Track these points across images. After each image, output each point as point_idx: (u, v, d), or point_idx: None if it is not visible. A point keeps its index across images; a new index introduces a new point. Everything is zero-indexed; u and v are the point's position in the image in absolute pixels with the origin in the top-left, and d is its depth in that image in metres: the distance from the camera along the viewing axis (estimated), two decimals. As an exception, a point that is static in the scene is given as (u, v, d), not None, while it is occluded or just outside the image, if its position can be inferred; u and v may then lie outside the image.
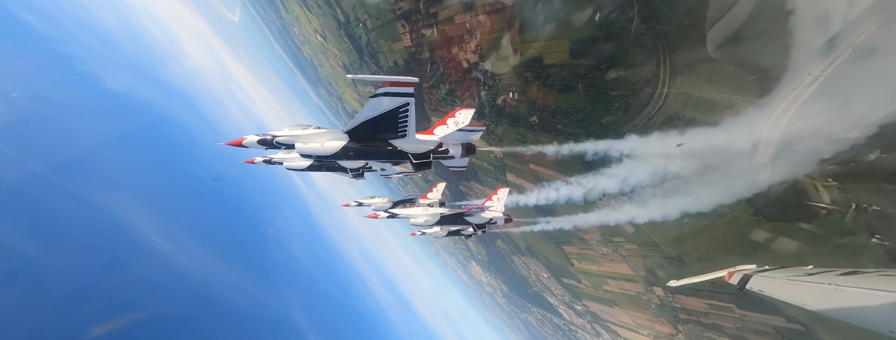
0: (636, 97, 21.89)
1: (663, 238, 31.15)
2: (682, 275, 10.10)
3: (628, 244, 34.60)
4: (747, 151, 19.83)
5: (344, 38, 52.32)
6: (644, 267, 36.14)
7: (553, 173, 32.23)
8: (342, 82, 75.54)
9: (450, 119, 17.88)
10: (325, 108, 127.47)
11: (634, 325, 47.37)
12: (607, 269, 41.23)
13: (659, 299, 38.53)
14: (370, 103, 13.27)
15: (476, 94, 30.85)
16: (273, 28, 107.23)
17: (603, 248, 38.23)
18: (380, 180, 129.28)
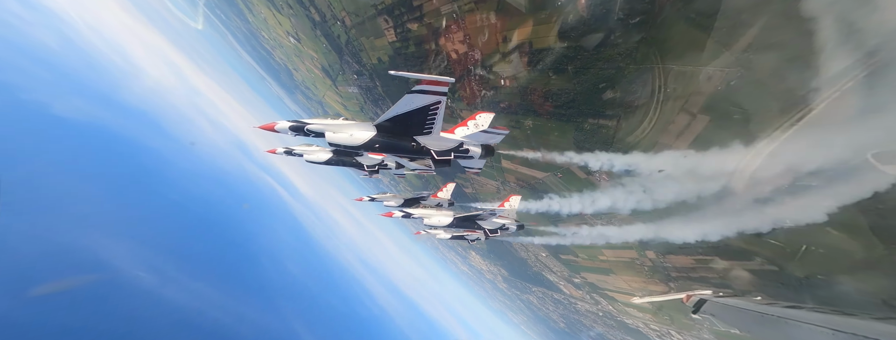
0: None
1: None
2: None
3: (621, 213, 35.90)
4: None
5: (320, 39, 49.82)
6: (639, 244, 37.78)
7: (548, 156, 32.66)
8: (321, 85, 72.46)
9: (470, 121, 18.27)
10: (304, 113, 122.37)
11: (630, 289, 49.87)
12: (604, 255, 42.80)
13: (651, 261, 40.56)
14: (404, 99, 13.41)
15: (467, 84, 30.43)
16: (238, 34, 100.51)
17: (597, 219, 39.53)
18: (367, 179, 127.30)
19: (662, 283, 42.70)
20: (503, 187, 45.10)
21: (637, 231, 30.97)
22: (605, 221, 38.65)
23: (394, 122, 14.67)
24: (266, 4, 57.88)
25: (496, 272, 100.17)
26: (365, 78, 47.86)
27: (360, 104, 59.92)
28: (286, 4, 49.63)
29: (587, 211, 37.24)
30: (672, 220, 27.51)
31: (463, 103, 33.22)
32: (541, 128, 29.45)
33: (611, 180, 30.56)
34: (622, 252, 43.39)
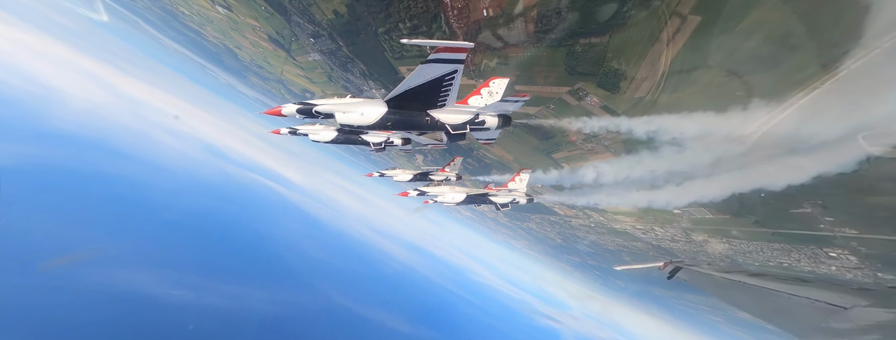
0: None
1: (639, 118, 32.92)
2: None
3: (609, 133, 36.50)
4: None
5: (256, 0, 41.70)
6: (624, 150, 39.11)
7: (539, 90, 31.25)
8: (274, 59, 63.51)
9: (484, 89, 16.66)
10: (265, 97, 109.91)
11: (618, 200, 53.85)
12: (592, 160, 44.25)
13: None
14: (418, 70, 12.17)
15: (444, 23, 26.87)
16: (151, 18, 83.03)
17: (587, 144, 40.27)
18: (356, 152, 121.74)
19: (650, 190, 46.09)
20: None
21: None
22: (594, 143, 39.48)
23: (406, 96, 13.47)
24: (173, -32, 46.58)
25: (496, 210, 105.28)
26: (324, 40, 41.73)
27: (327, 72, 53.73)
28: (201, -37, 39.94)
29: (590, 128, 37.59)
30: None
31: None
32: (529, 59, 27.42)
33: (601, 100, 30.10)
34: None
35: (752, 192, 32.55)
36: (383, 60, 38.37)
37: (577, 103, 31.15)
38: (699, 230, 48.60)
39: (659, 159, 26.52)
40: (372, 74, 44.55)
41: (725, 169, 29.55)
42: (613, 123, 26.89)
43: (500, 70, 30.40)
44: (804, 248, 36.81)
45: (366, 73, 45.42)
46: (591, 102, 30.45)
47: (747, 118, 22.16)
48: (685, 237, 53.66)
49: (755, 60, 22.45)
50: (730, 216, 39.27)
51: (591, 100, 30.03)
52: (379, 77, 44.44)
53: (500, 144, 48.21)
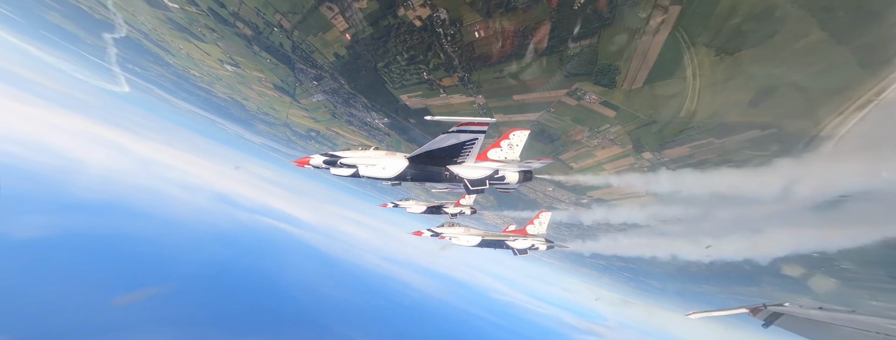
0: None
1: (639, 108, 33.11)
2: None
3: (613, 127, 36.56)
4: None
5: (261, 55, 44.33)
6: (631, 141, 38.97)
7: (538, 96, 31.98)
8: (280, 105, 66.35)
9: (504, 141, 16.69)
10: (272, 141, 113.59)
11: (633, 192, 52.76)
12: (601, 156, 44.03)
13: (649, 160, 42.42)
14: (439, 138, 12.73)
15: (440, 49, 28.22)
16: (165, 83, 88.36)
17: (593, 141, 40.27)
18: (364, 183, 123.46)
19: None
20: (500, 141, 44.47)
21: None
22: (600, 138, 39.43)
23: (427, 155, 14.04)
24: (182, 38, 50.14)
25: (509, 221, 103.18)
26: (327, 80, 43.77)
27: (331, 110, 55.72)
28: (207, 29, 43.05)
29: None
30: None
31: (441, 71, 31.17)
32: (524, 69, 28.31)
33: (600, 97, 30.54)
34: (620, 163, 45.02)
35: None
36: (384, 91, 39.88)
37: (576, 103, 31.64)
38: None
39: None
40: (374, 105, 46.11)
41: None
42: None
43: (497, 84, 31.37)
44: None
45: (368, 105, 47.04)
46: (590, 100, 30.92)
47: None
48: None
49: (741, 36, 22.86)
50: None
51: (590, 98, 30.51)
52: (381, 108, 45.92)
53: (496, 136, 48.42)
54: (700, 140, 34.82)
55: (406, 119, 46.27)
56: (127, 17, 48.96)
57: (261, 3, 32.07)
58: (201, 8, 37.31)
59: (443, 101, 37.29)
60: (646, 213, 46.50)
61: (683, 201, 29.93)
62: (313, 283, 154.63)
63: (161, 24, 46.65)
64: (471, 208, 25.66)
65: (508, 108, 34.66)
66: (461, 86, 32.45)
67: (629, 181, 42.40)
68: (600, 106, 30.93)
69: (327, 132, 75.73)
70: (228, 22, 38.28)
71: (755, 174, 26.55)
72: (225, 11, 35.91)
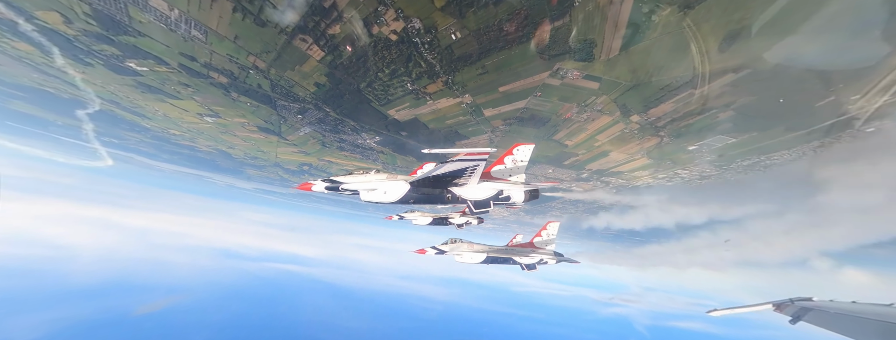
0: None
1: (620, 75, 33.95)
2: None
3: (599, 98, 37.28)
4: None
5: (240, 101, 43.70)
6: (617, 108, 39.78)
7: (522, 84, 32.42)
8: (267, 147, 65.31)
9: (507, 157, 16.18)
10: (265, 184, 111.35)
11: (629, 157, 53.68)
12: (592, 129, 44.78)
13: (638, 124, 43.30)
14: (441, 166, 12.74)
15: (419, 58, 28.39)
16: (144, 149, 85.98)
17: (583, 115, 40.95)
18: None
19: (655, 136, 46.20)
20: (495, 136, 44.87)
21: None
22: (589, 111, 40.09)
23: (428, 178, 13.88)
24: (156, 99, 49.07)
25: (516, 210, 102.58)
26: (311, 112, 43.38)
27: (320, 140, 55.12)
28: (180, 86, 42.25)
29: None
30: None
31: (425, 79, 31.32)
32: (504, 60, 28.71)
33: (581, 72, 31.18)
34: (611, 131, 45.83)
35: (761, 100, 32.74)
36: (371, 110, 39.76)
37: (560, 83, 32.19)
38: (732, 157, 47.75)
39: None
40: (363, 126, 45.88)
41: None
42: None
43: (481, 81, 31.69)
44: (841, 136, 36.67)
45: (357, 127, 46.77)
46: (572, 76, 31.53)
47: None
48: (719, 171, 52.68)
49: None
50: (756, 133, 39.05)
51: (573, 75, 31.12)
52: (371, 127, 45.71)
53: (502, 145, 48.73)
54: (681, 94, 35.78)
55: (397, 133, 46.13)
56: (97, 90, 47.70)
57: (231, 49, 31.72)
58: (171, 66, 36.67)
59: (430, 108, 37.42)
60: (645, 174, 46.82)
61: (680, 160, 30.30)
62: (335, 320, 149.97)
63: (132, 90, 45.59)
64: (478, 218, 24.95)
65: (496, 101, 35.01)
66: (446, 89, 32.65)
67: (623, 147, 43.03)
68: (584, 80, 31.56)
69: (320, 163, 74.73)
70: (202, 74, 37.68)
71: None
72: (196, 64, 35.36)
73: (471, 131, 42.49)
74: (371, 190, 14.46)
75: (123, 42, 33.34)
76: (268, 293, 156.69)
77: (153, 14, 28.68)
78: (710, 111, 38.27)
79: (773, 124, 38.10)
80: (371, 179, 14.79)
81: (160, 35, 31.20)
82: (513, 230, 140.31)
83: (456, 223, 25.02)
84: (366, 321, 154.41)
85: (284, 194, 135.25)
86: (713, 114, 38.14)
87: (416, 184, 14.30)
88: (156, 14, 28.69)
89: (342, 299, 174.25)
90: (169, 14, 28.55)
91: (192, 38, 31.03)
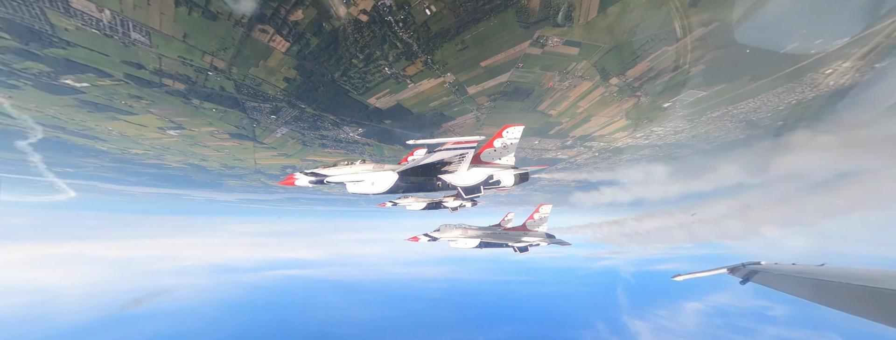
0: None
1: (598, 38, 33.57)
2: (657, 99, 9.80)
3: (579, 63, 36.98)
4: None
5: (204, 107, 40.02)
6: (597, 72, 39.76)
7: (504, 56, 31.32)
8: (243, 154, 61.44)
9: (497, 140, 15.87)
10: (248, 193, 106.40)
11: (609, 120, 54.77)
12: (575, 96, 44.85)
13: (617, 86, 43.72)
14: (430, 155, 12.44)
15: (395, 39, 26.48)
16: (106, 174, 78.76)
17: (564, 83, 40.74)
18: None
19: (633, 97, 47.05)
20: (480, 114, 44.07)
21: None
22: (570, 78, 39.87)
23: (417, 168, 13.62)
24: (107, 118, 44.12)
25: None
26: (285, 110, 40.54)
27: (299, 140, 52.28)
28: (132, 99, 37.92)
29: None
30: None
31: (403, 61, 29.52)
32: (483, 33, 27.38)
33: (562, 38, 30.44)
34: (592, 95, 46.15)
35: (728, 52, 33.59)
36: (350, 101, 37.61)
37: (541, 51, 31.41)
38: (702, 110, 49.81)
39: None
40: (344, 119, 43.65)
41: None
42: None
43: (462, 56, 30.30)
44: (802, 79, 38.52)
45: (337, 121, 44.47)
46: (553, 44, 30.77)
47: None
48: (690, 125, 54.93)
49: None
50: (724, 84, 40.47)
51: (553, 42, 30.35)
52: (352, 119, 43.57)
53: (489, 122, 48.16)
54: (655, 52, 36.09)
55: (381, 122, 44.34)
56: (35, 116, 42.08)
57: (182, 49, 28.33)
58: (116, 78, 32.56)
59: (413, 91, 35.80)
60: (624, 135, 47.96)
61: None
62: (347, 314, 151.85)
63: (76, 110, 40.56)
64: (472, 201, 25.00)
65: (479, 77, 33.88)
66: (426, 70, 31.09)
67: (604, 111, 43.52)
68: (564, 46, 30.90)
69: (303, 164, 71.64)
70: (154, 83, 33.82)
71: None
72: (145, 72, 31.58)
73: (456, 111, 41.40)
74: (358, 182, 14.03)
75: (51, 56, 28.96)
76: (275, 300, 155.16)
77: (79, 19, 24.76)
78: (683, 67, 39.18)
79: (741, 75, 39.67)
80: (357, 169, 14.24)
81: (94, 43, 27.24)
82: (505, 208, 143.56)
83: (450, 207, 24.79)
84: (377, 309, 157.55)
85: (271, 200, 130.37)
86: (685, 69, 39.09)
87: (404, 173, 13.99)
88: (83, 18, 24.79)
89: (350, 293, 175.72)
90: (99, 17, 24.75)
91: (134, 43, 27.34)
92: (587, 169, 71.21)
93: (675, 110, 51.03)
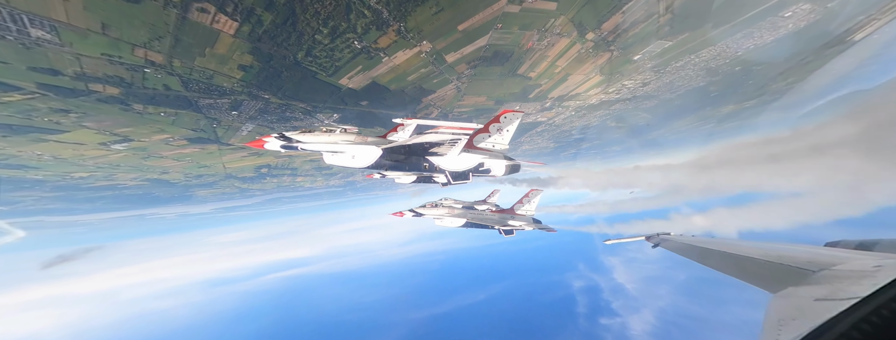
0: None
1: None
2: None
3: (557, 19, 35.42)
4: None
5: (148, 111, 34.73)
6: (574, 28, 38.52)
7: (481, 17, 28.99)
8: (209, 159, 55.85)
9: (493, 125, 14.78)
10: (223, 201, 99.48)
11: (585, 77, 54.77)
12: (553, 55, 43.73)
13: (592, 42, 42.98)
14: (419, 136, 11.74)
15: (362, 6, 23.28)
16: (52, 205, 69.32)
17: (543, 42, 39.31)
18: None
19: (607, 52, 46.74)
20: (461, 83, 42.07)
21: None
22: (549, 37, 38.50)
23: (405, 147, 12.72)
24: (32, 140, 37.32)
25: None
26: (247, 103, 36.24)
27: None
28: (56, 113, 31.90)
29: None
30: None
31: (373, 32, 26.42)
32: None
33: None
34: (569, 53, 45.30)
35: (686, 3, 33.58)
36: (319, 84, 34.11)
37: (519, 9, 29.47)
38: (668, 61, 51.00)
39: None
40: (316, 106, 40.03)
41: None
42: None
43: (437, 21, 27.68)
44: (761, 22, 39.58)
45: (308, 110, 40.74)
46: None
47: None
48: (656, 76, 56.32)
49: None
50: (688, 33, 40.98)
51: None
52: (325, 105, 40.07)
53: (470, 91, 46.37)
54: (628, 2, 35.35)
55: (357, 104, 41.22)
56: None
57: (104, 44, 23.43)
58: (27, 90, 26.86)
59: (387, 66, 32.92)
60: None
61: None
62: (354, 300, 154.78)
63: (-13, 134, 33.80)
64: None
65: (457, 42, 31.55)
66: (401, 40, 28.30)
67: (580, 69, 43.08)
68: (542, 1, 29.04)
69: (279, 160, 67.05)
70: (78, 90, 28.38)
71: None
72: (64, 78, 26.22)
73: (436, 83, 39.16)
74: (337, 153, 13.04)
75: (-72, 69, 22.97)
76: (280, 303, 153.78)
77: (-50, 14, 19.28)
78: (652, 17, 39.35)
79: (703, 23, 40.48)
80: (336, 139, 13.28)
81: (-18, 46, 21.71)
82: (494, 185, 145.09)
83: (441, 182, 24.14)
84: (382, 289, 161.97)
85: (250, 205, 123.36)
86: (654, 19, 39.32)
87: (390, 150, 13.09)
88: (-45, 13, 19.32)
89: (354, 281, 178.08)
90: (-23, 9, 19.39)
91: (38, 43, 22.11)
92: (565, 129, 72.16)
93: (644, 62, 52.22)
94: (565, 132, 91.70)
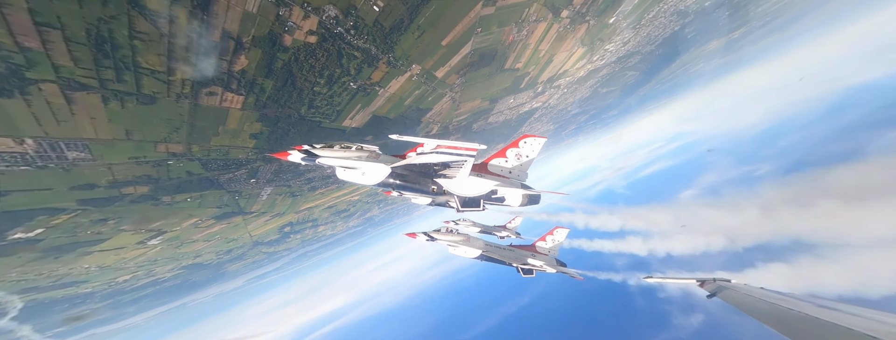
0: None
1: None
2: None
3: (531, 7, 36.72)
4: None
5: (177, 200, 36.87)
6: (549, 10, 40.00)
7: (461, 28, 30.61)
8: (235, 232, 57.89)
9: (511, 150, 13.83)
10: (253, 270, 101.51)
11: (569, 53, 55.92)
12: (534, 41, 45.16)
13: (568, 18, 44.40)
14: (425, 156, 11.38)
15: (351, 49, 25.10)
16: (101, 315, 71.97)
17: (522, 32, 40.81)
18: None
19: (584, 23, 48.05)
20: (454, 94, 43.54)
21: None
22: (527, 26, 39.95)
23: (412, 166, 12.49)
24: (78, 255, 39.73)
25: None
26: (263, 169, 38.20)
27: (287, 193, 49.89)
28: (97, 225, 34.21)
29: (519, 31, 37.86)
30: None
31: (366, 69, 28.20)
32: (436, 10, 26.54)
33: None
34: (549, 35, 46.60)
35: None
36: (325, 132, 35.92)
37: (494, 9, 31.07)
38: (640, 14, 52.36)
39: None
40: (326, 154, 41.76)
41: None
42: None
43: (421, 43, 29.36)
44: None
45: (320, 159, 42.49)
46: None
47: None
48: (634, 32, 57.42)
49: None
50: None
51: (501, -6, 29.95)
52: (334, 150, 41.78)
53: (464, 98, 47.77)
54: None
55: (362, 140, 42.78)
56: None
57: (130, 149, 25.63)
58: (71, 209, 29.17)
59: (383, 97, 34.63)
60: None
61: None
62: (402, 338, 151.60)
63: (41, 262, 36.24)
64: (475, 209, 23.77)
65: (443, 57, 33.17)
66: (392, 69, 30.01)
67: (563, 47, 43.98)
68: (513, -6, 30.62)
69: (299, 215, 68.83)
70: (113, 198, 30.63)
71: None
72: (100, 190, 28.46)
73: (431, 100, 40.70)
74: (349, 169, 13.07)
75: (-17, 214, 25.40)
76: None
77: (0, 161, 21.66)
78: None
79: None
80: (350, 155, 13.21)
81: (30, 181, 24.06)
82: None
83: (454, 207, 23.81)
84: (426, 318, 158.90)
85: (279, 267, 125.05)
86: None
87: (398, 169, 12.95)
88: (3, 159, 21.68)
89: (395, 317, 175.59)
90: (21, 150, 21.75)
91: (75, 164, 24.39)
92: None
93: (620, 22, 53.53)
94: (562, 111, 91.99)
